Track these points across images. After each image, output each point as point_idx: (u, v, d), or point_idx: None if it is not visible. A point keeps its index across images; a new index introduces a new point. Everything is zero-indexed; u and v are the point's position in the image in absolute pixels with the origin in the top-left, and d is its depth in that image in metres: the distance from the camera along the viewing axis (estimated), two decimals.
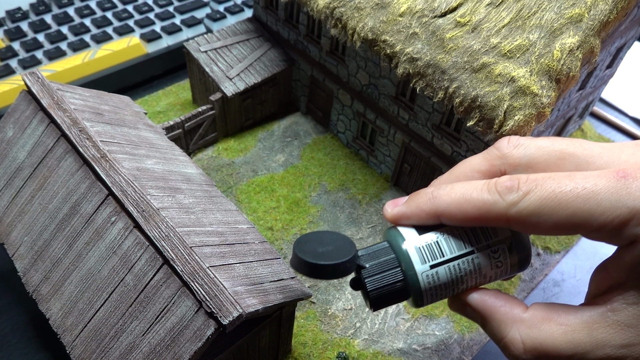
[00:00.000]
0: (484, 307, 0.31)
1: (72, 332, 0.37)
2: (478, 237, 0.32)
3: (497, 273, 0.32)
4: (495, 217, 0.29)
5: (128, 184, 0.38)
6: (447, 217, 0.31)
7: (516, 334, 0.29)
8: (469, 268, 0.32)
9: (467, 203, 0.30)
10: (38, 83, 0.44)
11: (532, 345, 0.29)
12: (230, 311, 0.31)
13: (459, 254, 0.32)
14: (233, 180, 0.62)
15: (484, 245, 0.32)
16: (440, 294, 0.33)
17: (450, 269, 0.32)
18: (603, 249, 0.60)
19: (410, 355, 0.49)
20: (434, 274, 0.32)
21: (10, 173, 0.44)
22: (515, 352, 0.29)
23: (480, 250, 0.32)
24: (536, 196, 0.28)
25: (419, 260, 0.32)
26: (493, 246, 0.32)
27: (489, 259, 0.32)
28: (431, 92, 0.46)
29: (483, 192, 0.30)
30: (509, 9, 0.43)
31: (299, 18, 0.62)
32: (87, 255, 0.38)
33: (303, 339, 0.49)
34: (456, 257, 0.32)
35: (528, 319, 0.30)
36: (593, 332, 0.27)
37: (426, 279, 0.32)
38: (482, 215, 0.29)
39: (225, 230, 0.41)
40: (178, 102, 0.71)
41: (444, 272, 0.32)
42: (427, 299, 0.33)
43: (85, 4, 0.78)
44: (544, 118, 0.41)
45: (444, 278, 0.32)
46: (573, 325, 0.28)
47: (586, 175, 0.27)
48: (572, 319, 0.28)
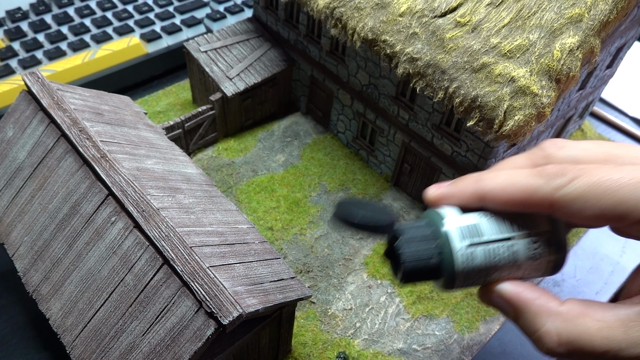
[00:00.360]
0: (518, 298, 0.31)
1: (72, 332, 0.37)
2: (519, 225, 0.32)
3: (532, 267, 0.32)
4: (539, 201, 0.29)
5: (128, 184, 0.38)
6: (490, 198, 0.31)
7: (551, 326, 0.29)
8: (505, 254, 0.31)
9: (513, 186, 0.30)
10: (38, 83, 0.44)
11: (567, 339, 0.29)
12: (230, 311, 0.31)
13: (498, 237, 0.31)
14: (233, 180, 0.62)
15: (523, 234, 0.31)
16: (472, 277, 0.32)
17: (487, 252, 0.31)
18: (603, 249, 0.60)
19: (410, 355, 0.49)
20: (470, 254, 0.31)
21: (10, 173, 0.44)
22: (550, 344, 0.29)
23: (519, 238, 0.31)
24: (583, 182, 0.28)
25: (457, 238, 0.32)
26: (533, 236, 0.31)
27: (526, 248, 0.31)
28: (431, 92, 0.46)
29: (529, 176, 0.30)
30: (509, 9, 0.43)
31: (299, 18, 0.62)
32: (87, 255, 0.38)
33: (303, 339, 0.49)
34: (495, 241, 0.31)
35: (564, 312, 0.29)
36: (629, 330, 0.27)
37: (461, 258, 0.31)
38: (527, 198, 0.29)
39: (225, 230, 0.41)
40: (178, 102, 0.71)
41: (481, 254, 0.31)
42: (459, 281, 0.32)
43: (85, 4, 0.78)
44: (544, 118, 0.41)
45: (480, 260, 0.31)
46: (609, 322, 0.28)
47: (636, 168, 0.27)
48: (608, 316, 0.28)
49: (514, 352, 0.51)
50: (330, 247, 0.56)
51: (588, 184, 0.28)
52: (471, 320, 0.52)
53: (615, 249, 0.60)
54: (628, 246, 0.61)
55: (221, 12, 0.80)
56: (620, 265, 0.59)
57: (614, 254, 0.60)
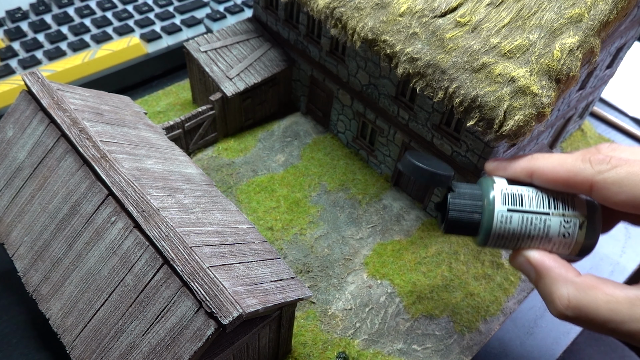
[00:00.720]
0: (542, 264, 0.35)
1: (72, 332, 0.37)
2: (557, 204, 0.36)
3: (562, 243, 0.36)
4: (581, 181, 0.33)
5: (128, 184, 0.38)
6: (539, 174, 0.35)
7: (565, 292, 0.33)
8: (539, 225, 0.36)
9: (561, 166, 0.34)
10: (38, 83, 0.44)
11: (577, 305, 0.32)
12: (230, 311, 0.31)
13: (536, 210, 0.36)
14: (233, 180, 0.62)
15: (560, 212, 0.36)
16: (506, 239, 0.37)
17: (523, 219, 0.36)
18: (603, 249, 0.60)
19: (410, 355, 0.49)
20: (508, 217, 0.36)
21: (10, 173, 0.44)
22: (561, 307, 0.33)
23: (555, 215, 0.36)
24: (623, 170, 0.31)
25: (500, 200, 0.36)
26: (567, 217, 0.36)
27: (559, 225, 0.35)
28: (431, 92, 0.46)
29: (577, 159, 0.34)
30: (509, 9, 0.43)
31: (299, 18, 0.62)
32: (87, 255, 0.38)
33: (303, 339, 0.49)
34: (532, 212, 0.36)
35: (579, 282, 0.33)
36: (634, 307, 0.30)
37: (500, 218, 0.36)
38: (571, 177, 0.34)
39: (225, 230, 0.41)
40: (178, 102, 0.71)
41: (517, 219, 0.36)
42: (492, 239, 0.37)
43: (85, 4, 0.78)
44: (544, 118, 0.41)
45: (515, 225, 0.36)
46: (617, 297, 0.31)
47: None
48: (617, 292, 0.31)
49: (514, 352, 0.51)
50: (330, 247, 0.56)
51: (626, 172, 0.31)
52: (471, 320, 0.52)
53: (615, 249, 0.60)
54: (628, 246, 0.61)
55: (221, 12, 0.80)
56: (620, 265, 0.59)
57: (614, 254, 0.60)
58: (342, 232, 0.58)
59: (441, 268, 0.55)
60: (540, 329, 0.53)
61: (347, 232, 0.58)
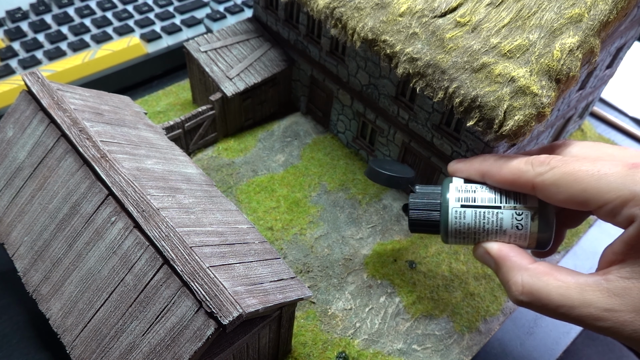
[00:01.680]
0: (499, 254, 0.37)
1: (72, 332, 0.37)
2: (509, 199, 0.38)
3: (517, 235, 0.38)
4: (524, 182, 0.36)
5: (128, 184, 0.38)
6: (489, 175, 0.38)
7: (519, 278, 0.35)
8: (492, 219, 0.38)
9: (507, 167, 0.37)
10: (38, 83, 0.44)
11: (530, 290, 0.34)
12: (230, 311, 0.31)
13: (488, 204, 0.38)
14: (233, 180, 0.62)
15: (511, 206, 0.38)
16: (464, 234, 0.39)
17: (477, 214, 0.38)
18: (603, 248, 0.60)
19: (410, 355, 0.49)
20: (462, 213, 0.39)
21: (10, 173, 0.44)
22: (516, 292, 0.35)
23: (506, 209, 0.38)
24: (560, 171, 0.34)
25: (454, 198, 0.39)
26: (518, 210, 0.38)
27: (512, 218, 0.38)
28: (431, 92, 0.46)
29: (521, 162, 0.36)
30: (509, 9, 0.43)
31: (299, 18, 0.62)
32: (87, 255, 0.38)
33: (303, 339, 0.49)
34: (485, 207, 0.38)
35: (532, 269, 0.35)
36: (584, 293, 0.32)
37: (454, 214, 0.39)
38: (515, 179, 0.36)
39: (225, 230, 0.41)
40: (178, 102, 0.71)
41: (471, 214, 0.39)
42: (452, 235, 0.40)
43: (85, 4, 0.78)
44: (544, 118, 0.41)
45: (469, 219, 0.39)
46: (568, 284, 0.33)
47: (605, 163, 0.32)
48: (569, 279, 0.33)
49: (514, 352, 0.51)
50: (330, 247, 0.56)
51: (563, 172, 0.34)
52: (471, 320, 0.52)
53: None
54: None
55: (221, 12, 0.80)
56: None
57: None
58: (342, 232, 0.58)
59: (441, 268, 0.55)
60: (540, 329, 0.53)
61: (347, 232, 0.58)
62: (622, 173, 0.32)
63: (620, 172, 0.32)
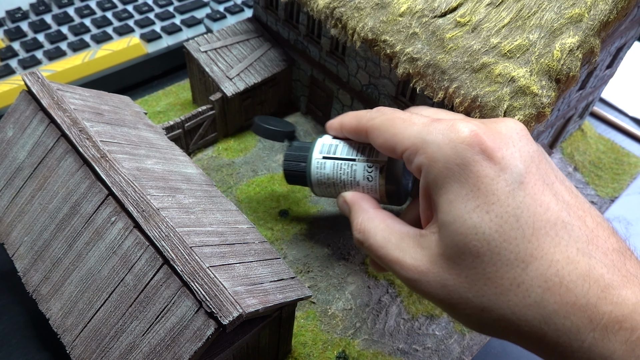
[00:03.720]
0: (352, 200, 0.41)
1: (72, 332, 0.37)
2: (363, 152, 0.42)
3: (369, 187, 0.42)
4: (361, 128, 0.40)
5: (128, 184, 0.38)
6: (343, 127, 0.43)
7: (360, 219, 0.39)
8: (347, 170, 0.43)
9: (352, 115, 0.42)
10: (38, 83, 0.44)
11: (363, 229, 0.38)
12: (230, 311, 0.31)
13: (345, 157, 0.43)
14: (233, 180, 0.62)
15: (364, 159, 0.42)
16: (326, 184, 0.44)
17: (335, 165, 0.43)
18: None
19: (411, 355, 0.49)
20: (323, 164, 0.44)
21: (10, 173, 0.44)
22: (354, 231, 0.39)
23: (359, 161, 0.42)
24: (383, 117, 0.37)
25: (318, 150, 0.44)
26: (369, 162, 0.42)
27: (363, 170, 0.42)
28: (431, 92, 0.46)
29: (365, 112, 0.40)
30: (509, 9, 0.43)
31: (299, 18, 0.62)
32: (87, 255, 0.38)
33: (303, 339, 0.49)
34: (342, 159, 0.43)
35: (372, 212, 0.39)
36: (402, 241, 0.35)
37: (316, 164, 0.44)
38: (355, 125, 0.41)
39: (225, 230, 0.41)
40: (178, 102, 0.71)
41: (330, 166, 0.43)
42: (316, 185, 0.45)
43: (85, 4, 0.78)
44: (544, 118, 0.41)
45: (329, 170, 0.43)
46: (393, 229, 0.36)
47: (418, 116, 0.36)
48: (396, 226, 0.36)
49: (514, 352, 0.51)
50: (330, 247, 0.56)
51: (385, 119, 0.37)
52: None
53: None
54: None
55: (221, 12, 0.80)
56: None
57: None
58: (342, 232, 0.58)
59: None
60: None
61: (348, 232, 0.58)
62: (424, 124, 0.34)
63: (423, 123, 0.34)
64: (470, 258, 0.30)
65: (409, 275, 0.33)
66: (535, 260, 0.29)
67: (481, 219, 0.30)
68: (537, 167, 0.31)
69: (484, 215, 0.30)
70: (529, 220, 0.29)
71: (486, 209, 0.30)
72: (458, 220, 0.31)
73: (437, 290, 0.32)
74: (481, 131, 0.31)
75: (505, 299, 0.29)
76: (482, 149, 0.30)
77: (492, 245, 0.29)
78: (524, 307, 0.29)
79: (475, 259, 0.30)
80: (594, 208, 0.32)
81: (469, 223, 0.30)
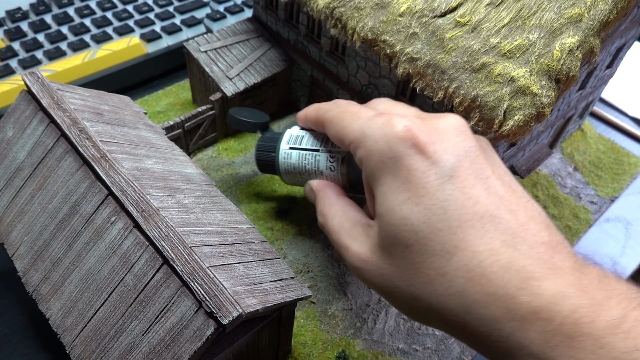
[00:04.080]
0: (318, 187, 0.43)
1: (72, 331, 0.37)
2: (326, 144, 0.45)
3: (332, 176, 0.44)
4: (320, 119, 0.42)
5: (128, 183, 0.38)
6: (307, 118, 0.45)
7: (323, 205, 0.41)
8: (311, 160, 0.45)
9: (314, 107, 0.44)
10: (38, 83, 0.44)
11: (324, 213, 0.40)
12: (230, 311, 0.31)
13: (309, 147, 0.45)
14: (233, 180, 0.62)
15: (327, 150, 0.44)
16: (293, 173, 0.47)
17: (300, 155, 0.45)
18: (603, 249, 0.60)
19: (411, 355, 0.49)
20: (289, 154, 0.46)
21: (10, 173, 0.44)
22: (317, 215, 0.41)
23: (322, 152, 0.44)
24: (337, 110, 0.39)
25: (285, 141, 0.47)
26: (332, 153, 0.44)
27: (326, 160, 0.44)
28: (431, 92, 0.46)
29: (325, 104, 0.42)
30: (508, 9, 0.43)
31: (299, 18, 0.62)
32: (87, 255, 0.38)
33: (303, 339, 0.49)
34: (307, 149, 0.45)
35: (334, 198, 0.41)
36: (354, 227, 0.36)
37: (283, 155, 0.47)
38: (315, 117, 0.43)
39: (225, 230, 0.41)
40: (178, 102, 0.71)
41: (296, 156, 0.46)
42: (285, 174, 0.48)
43: (85, 4, 0.78)
44: (543, 118, 0.41)
45: (295, 160, 0.46)
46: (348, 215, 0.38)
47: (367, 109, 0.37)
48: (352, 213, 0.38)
49: None
50: (330, 247, 0.56)
51: (337, 112, 0.39)
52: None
53: (615, 249, 0.60)
54: (628, 246, 0.61)
55: (221, 12, 0.80)
56: (620, 265, 0.59)
57: (614, 254, 0.60)
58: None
59: None
60: None
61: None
62: (367, 118, 0.35)
63: (367, 117, 0.35)
64: (401, 248, 0.31)
65: (354, 263, 0.35)
66: (459, 252, 0.30)
67: (411, 211, 0.31)
68: (472, 162, 0.32)
69: (414, 207, 0.31)
70: (456, 213, 0.30)
71: (416, 201, 0.31)
72: (390, 211, 0.32)
73: (375, 278, 0.34)
74: (415, 126, 0.32)
75: (432, 288, 0.30)
76: (414, 144, 0.32)
77: (420, 236, 0.31)
78: (448, 297, 0.30)
79: (405, 249, 0.31)
80: (533, 203, 0.33)
81: (399, 214, 0.31)
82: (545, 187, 0.65)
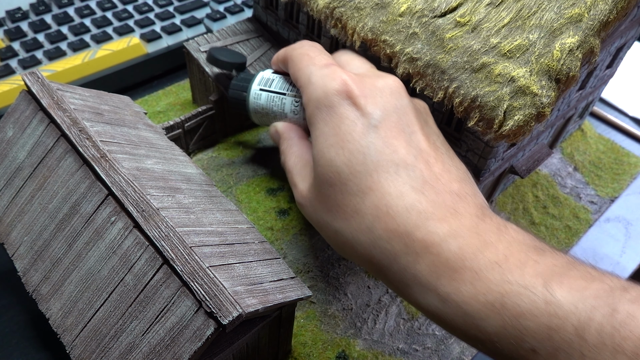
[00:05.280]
0: (283, 129, 0.46)
1: (72, 331, 0.37)
2: (293, 88, 0.47)
3: (294, 119, 0.47)
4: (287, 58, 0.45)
5: (128, 183, 0.38)
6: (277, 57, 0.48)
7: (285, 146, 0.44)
8: (278, 103, 0.47)
9: (284, 49, 0.46)
10: (38, 83, 0.44)
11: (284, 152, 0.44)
12: (230, 311, 0.31)
13: (277, 90, 0.48)
14: (233, 180, 0.62)
15: (293, 94, 0.47)
16: (261, 114, 0.49)
17: (268, 97, 0.48)
18: (603, 249, 0.60)
19: (411, 355, 0.49)
20: (259, 95, 0.49)
21: (10, 173, 0.44)
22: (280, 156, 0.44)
23: (289, 96, 0.47)
24: (299, 50, 0.43)
25: (257, 82, 0.49)
26: (297, 97, 0.46)
27: (291, 104, 0.47)
28: (431, 92, 0.46)
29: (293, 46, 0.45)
30: (508, 9, 0.43)
31: (299, 18, 0.62)
32: (87, 255, 0.38)
33: (303, 339, 0.49)
34: (275, 92, 0.48)
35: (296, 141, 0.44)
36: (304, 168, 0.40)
37: (254, 95, 0.49)
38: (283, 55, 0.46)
39: (225, 230, 0.41)
40: (178, 102, 0.71)
41: (265, 97, 0.48)
42: (254, 113, 0.50)
43: (85, 4, 0.78)
44: (543, 118, 0.41)
45: (263, 101, 0.48)
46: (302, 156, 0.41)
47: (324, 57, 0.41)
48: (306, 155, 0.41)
49: None
50: (330, 247, 0.56)
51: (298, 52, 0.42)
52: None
53: (615, 249, 0.60)
54: (628, 246, 0.61)
55: (221, 12, 0.80)
56: (621, 265, 0.59)
57: (614, 254, 0.60)
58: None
59: None
60: None
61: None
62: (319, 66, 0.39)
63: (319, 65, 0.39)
64: (327, 187, 0.36)
65: (297, 199, 0.40)
66: (371, 192, 0.33)
67: (336, 154, 0.35)
68: (399, 118, 0.36)
69: (339, 150, 0.35)
70: (374, 159, 0.34)
71: (342, 145, 0.35)
72: (319, 154, 0.36)
73: (311, 214, 0.38)
74: (352, 81, 0.37)
75: (348, 223, 0.34)
76: (348, 96, 0.36)
77: (341, 177, 0.35)
78: (359, 232, 0.34)
79: (329, 187, 0.35)
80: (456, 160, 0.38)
81: (327, 157, 0.35)
82: (545, 187, 0.65)
